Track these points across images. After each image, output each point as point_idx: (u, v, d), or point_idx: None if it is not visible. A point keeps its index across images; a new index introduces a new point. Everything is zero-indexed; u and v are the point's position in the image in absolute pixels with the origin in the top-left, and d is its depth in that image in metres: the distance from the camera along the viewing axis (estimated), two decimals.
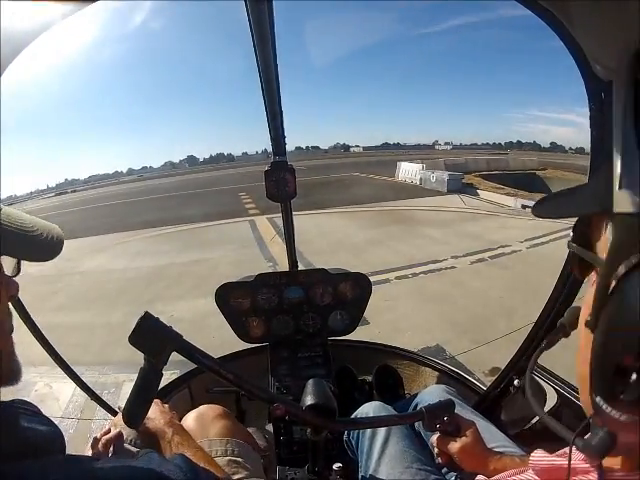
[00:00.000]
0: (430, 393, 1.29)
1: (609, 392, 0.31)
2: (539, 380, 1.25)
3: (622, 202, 0.31)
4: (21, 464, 0.44)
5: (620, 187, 0.31)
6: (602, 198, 0.38)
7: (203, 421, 1.15)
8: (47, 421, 0.53)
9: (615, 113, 0.33)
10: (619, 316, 0.31)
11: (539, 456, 0.48)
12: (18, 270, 0.60)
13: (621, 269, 0.30)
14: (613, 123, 0.34)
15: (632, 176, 0.30)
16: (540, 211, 0.48)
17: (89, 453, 0.98)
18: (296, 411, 0.89)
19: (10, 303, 0.60)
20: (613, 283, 0.31)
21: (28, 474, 0.44)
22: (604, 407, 0.32)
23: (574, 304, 1.04)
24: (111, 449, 1.00)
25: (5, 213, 0.56)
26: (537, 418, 1.25)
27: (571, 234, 0.44)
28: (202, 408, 1.21)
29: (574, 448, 0.43)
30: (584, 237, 0.42)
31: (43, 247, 0.59)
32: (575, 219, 0.45)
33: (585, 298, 0.43)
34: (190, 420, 1.15)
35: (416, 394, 1.36)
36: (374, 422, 1.10)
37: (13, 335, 0.59)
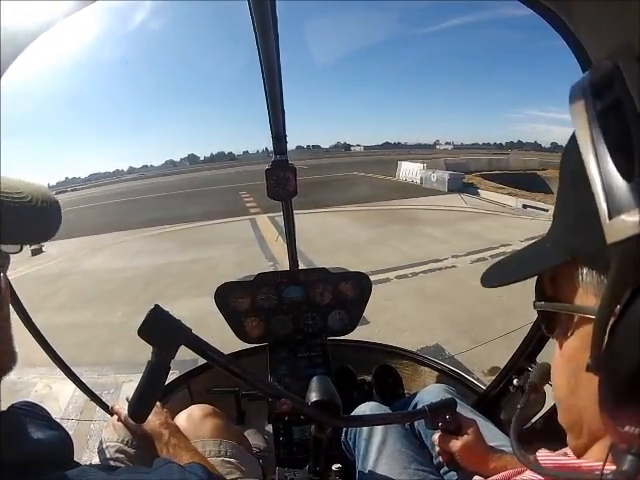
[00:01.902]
0: (430, 392, 1.29)
1: (638, 416, 0.31)
2: None
3: (615, 232, 0.30)
4: (27, 476, 0.42)
5: (610, 217, 0.30)
6: (572, 247, 0.38)
7: (193, 421, 1.15)
8: (56, 425, 0.51)
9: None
10: (633, 342, 0.30)
11: (542, 456, 0.48)
12: (20, 248, 0.52)
13: (628, 294, 0.30)
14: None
15: (619, 203, 0.30)
16: (492, 280, 0.47)
17: (88, 454, 0.98)
18: (302, 407, 0.89)
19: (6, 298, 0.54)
20: (615, 316, 0.31)
21: None
22: (633, 431, 0.32)
23: None
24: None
25: None
26: (537, 417, 1.25)
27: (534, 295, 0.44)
28: (191, 408, 1.21)
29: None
30: (548, 292, 0.42)
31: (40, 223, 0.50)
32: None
33: (558, 355, 0.43)
34: (180, 421, 1.15)
35: (415, 393, 1.37)
36: (377, 419, 1.10)
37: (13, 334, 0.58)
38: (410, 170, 18.56)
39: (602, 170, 0.31)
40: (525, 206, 10.97)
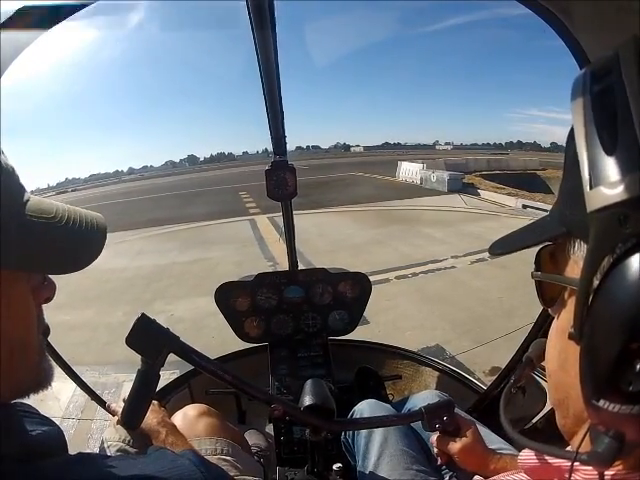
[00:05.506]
0: (426, 396, 1.27)
1: (615, 390, 0.31)
2: (539, 379, 1.25)
3: (593, 201, 0.32)
4: (30, 465, 0.43)
5: (591, 187, 0.32)
6: (566, 219, 0.40)
7: (188, 420, 1.15)
8: (47, 421, 0.52)
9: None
10: (612, 310, 0.31)
11: (526, 455, 0.48)
12: (43, 279, 0.52)
13: (605, 263, 0.31)
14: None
15: (600, 174, 0.32)
16: (496, 249, 0.50)
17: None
18: (294, 412, 0.89)
19: None
20: (595, 284, 0.32)
21: (43, 474, 0.43)
22: (610, 407, 0.31)
23: None
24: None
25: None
26: (537, 418, 1.24)
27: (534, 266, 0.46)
28: (186, 408, 1.21)
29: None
30: (547, 265, 0.44)
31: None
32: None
33: (554, 328, 0.44)
34: (176, 420, 1.14)
35: (414, 394, 1.36)
36: (372, 422, 1.09)
37: None
38: (410, 170, 18.56)
39: (589, 144, 0.33)
40: (525, 206, 10.96)
